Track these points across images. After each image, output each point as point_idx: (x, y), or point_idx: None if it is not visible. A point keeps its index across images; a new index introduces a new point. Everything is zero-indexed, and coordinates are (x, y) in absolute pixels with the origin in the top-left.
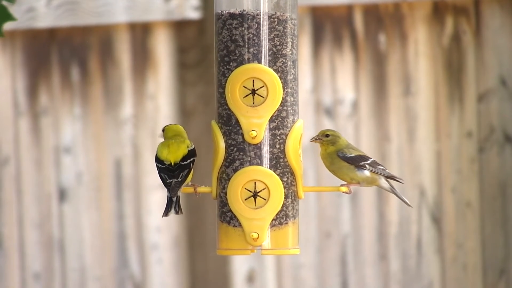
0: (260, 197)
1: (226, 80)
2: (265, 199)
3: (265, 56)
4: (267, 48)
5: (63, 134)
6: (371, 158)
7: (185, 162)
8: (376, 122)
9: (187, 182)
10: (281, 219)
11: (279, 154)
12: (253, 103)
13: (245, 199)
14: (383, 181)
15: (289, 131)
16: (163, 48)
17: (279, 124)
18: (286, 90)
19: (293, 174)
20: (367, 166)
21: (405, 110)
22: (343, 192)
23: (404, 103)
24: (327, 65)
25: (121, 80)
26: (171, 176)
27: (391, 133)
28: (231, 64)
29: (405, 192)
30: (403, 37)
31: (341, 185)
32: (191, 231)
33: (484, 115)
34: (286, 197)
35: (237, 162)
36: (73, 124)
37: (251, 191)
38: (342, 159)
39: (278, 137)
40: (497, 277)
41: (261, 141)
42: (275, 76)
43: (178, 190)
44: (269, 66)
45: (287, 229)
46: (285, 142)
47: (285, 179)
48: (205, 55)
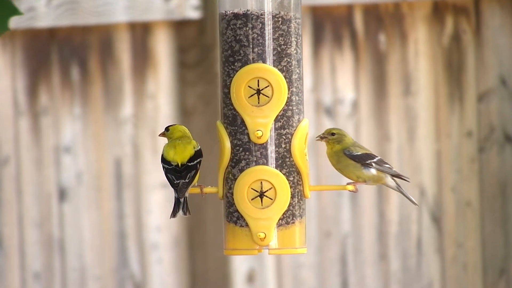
0: (267, 196)
1: (231, 80)
2: (271, 199)
3: (269, 55)
4: (271, 47)
5: (63, 134)
6: (377, 157)
7: (192, 163)
8: (376, 121)
9: (194, 183)
10: (287, 218)
11: (285, 153)
12: (258, 103)
13: (252, 199)
14: (389, 180)
15: (295, 130)
16: (163, 47)
17: (284, 123)
18: (291, 89)
19: (299, 173)
20: (373, 164)
21: (405, 109)
22: (349, 191)
23: (404, 102)
24: (327, 65)
25: (121, 80)
26: (178, 177)
27: (391, 133)
28: (235, 64)
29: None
30: (403, 36)
31: (348, 183)
32: (191, 231)
33: (484, 114)
34: (292, 197)
35: (243, 162)
36: (73, 123)
37: (257, 191)
38: (349, 157)
39: (284, 137)
40: (497, 276)
41: (267, 140)
42: (280, 76)
43: (186, 191)
44: (273, 66)
45: (294, 228)
46: (290, 142)
47: (291, 178)
48: (205, 54)
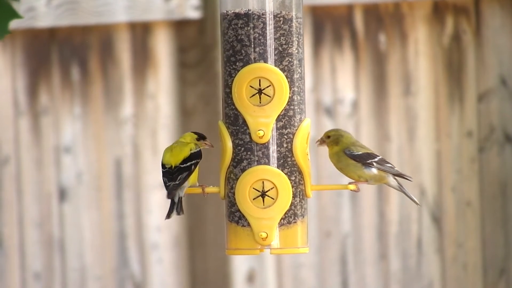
0: (269, 196)
1: (233, 80)
2: (273, 199)
3: (271, 55)
4: (273, 47)
5: (63, 134)
6: (378, 156)
7: (184, 165)
8: (376, 121)
9: (193, 183)
10: (289, 218)
11: (287, 153)
12: (260, 102)
13: (253, 199)
14: (391, 179)
15: (296, 130)
16: (163, 47)
17: (286, 123)
18: (292, 89)
19: (301, 173)
20: (374, 164)
21: (405, 109)
22: (351, 190)
23: (404, 102)
24: (327, 65)
25: (121, 80)
26: (170, 179)
27: (391, 133)
28: (237, 64)
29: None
30: (403, 36)
31: (349, 183)
32: (191, 231)
33: (484, 114)
34: (294, 196)
35: (244, 161)
36: (73, 123)
37: (259, 191)
38: (349, 157)
39: (286, 136)
40: (497, 276)
41: (269, 140)
42: (282, 75)
43: (176, 192)
44: (275, 65)
45: (296, 228)
46: (292, 141)
47: (293, 178)
48: (205, 54)
